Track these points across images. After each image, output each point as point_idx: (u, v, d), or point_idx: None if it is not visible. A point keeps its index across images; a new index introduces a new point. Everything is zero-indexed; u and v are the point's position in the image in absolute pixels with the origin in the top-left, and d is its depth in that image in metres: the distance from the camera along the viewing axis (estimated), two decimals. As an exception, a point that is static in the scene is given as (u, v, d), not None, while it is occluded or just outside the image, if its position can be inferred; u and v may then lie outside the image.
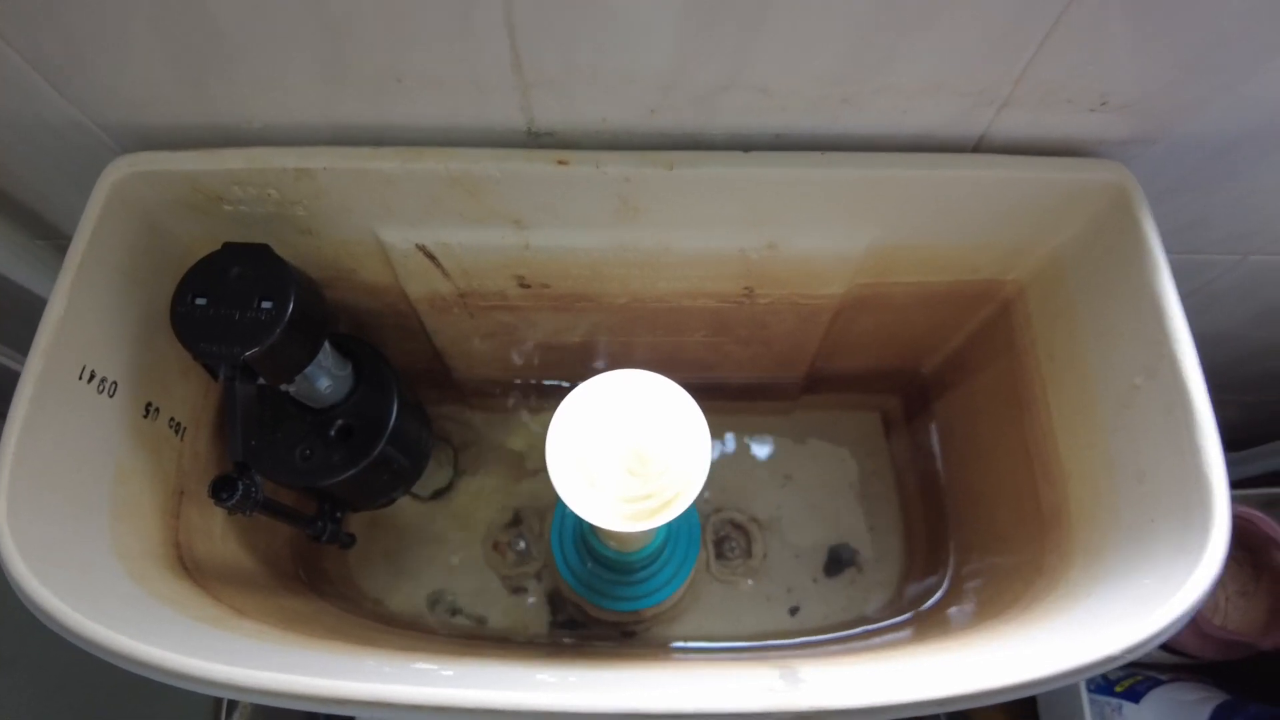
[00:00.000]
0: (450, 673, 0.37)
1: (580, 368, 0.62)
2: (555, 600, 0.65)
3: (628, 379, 0.37)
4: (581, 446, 0.36)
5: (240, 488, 0.40)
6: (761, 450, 0.69)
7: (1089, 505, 0.44)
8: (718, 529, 0.66)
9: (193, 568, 0.46)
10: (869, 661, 0.45)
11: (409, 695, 0.31)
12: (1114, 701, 0.68)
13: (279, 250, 0.42)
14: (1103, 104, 0.38)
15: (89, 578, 0.37)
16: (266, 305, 0.40)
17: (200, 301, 0.40)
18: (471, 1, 0.33)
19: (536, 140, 0.40)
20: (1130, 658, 0.33)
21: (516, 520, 0.68)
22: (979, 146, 0.41)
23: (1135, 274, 0.39)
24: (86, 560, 0.38)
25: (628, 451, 0.35)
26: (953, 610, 0.56)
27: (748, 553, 0.65)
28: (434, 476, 0.68)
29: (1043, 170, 0.40)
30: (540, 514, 0.68)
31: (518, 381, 0.65)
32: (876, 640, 0.59)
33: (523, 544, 0.67)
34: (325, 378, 0.47)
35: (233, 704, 0.65)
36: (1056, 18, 0.33)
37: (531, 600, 0.65)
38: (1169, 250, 0.39)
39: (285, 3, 0.33)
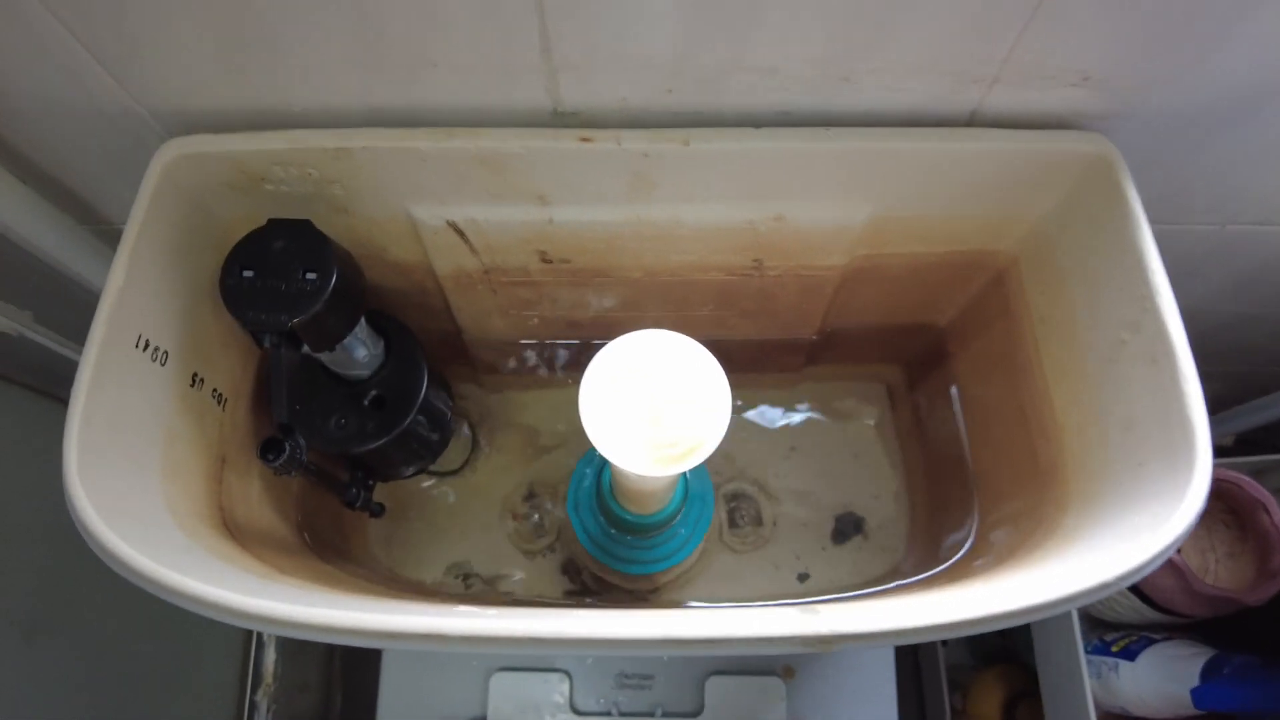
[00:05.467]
0: (495, 612, 0.40)
1: (592, 344, 0.65)
2: (570, 569, 0.68)
3: (653, 337, 0.40)
4: (611, 397, 0.38)
5: (287, 448, 0.43)
6: (767, 421, 0.72)
7: (1081, 456, 0.46)
8: (729, 498, 0.69)
9: (234, 530, 0.48)
10: (878, 602, 0.47)
11: (469, 627, 0.34)
12: (1110, 660, 0.71)
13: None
14: (1084, 79, 0.41)
15: (149, 532, 0.40)
16: (310, 276, 0.42)
17: (248, 274, 0.43)
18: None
19: (561, 120, 0.43)
20: (1124, 584, 0.36)
21: (531, 494, 0.71)
22: (972, 121, 0.44)
23: (1119, 235, 0.42)
24: (145, 515, 0.40)
25: (653, 401, 0.38)
26: (961, 569, 0.58)
27: (758, 520, 0.68)
28: (449, 453, 0.71)
29: (1030, 142, 0.43)
30: (553, 488, 0.71)
31: (531, 358, 0.68)
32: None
33: (537, 516, 0.69)
34: (362, 348, 0.49)
35: (260, 667, 0.68)
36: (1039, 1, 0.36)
37: (547, 569, 0.68)
38: (1148, 221, 0.42)
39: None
